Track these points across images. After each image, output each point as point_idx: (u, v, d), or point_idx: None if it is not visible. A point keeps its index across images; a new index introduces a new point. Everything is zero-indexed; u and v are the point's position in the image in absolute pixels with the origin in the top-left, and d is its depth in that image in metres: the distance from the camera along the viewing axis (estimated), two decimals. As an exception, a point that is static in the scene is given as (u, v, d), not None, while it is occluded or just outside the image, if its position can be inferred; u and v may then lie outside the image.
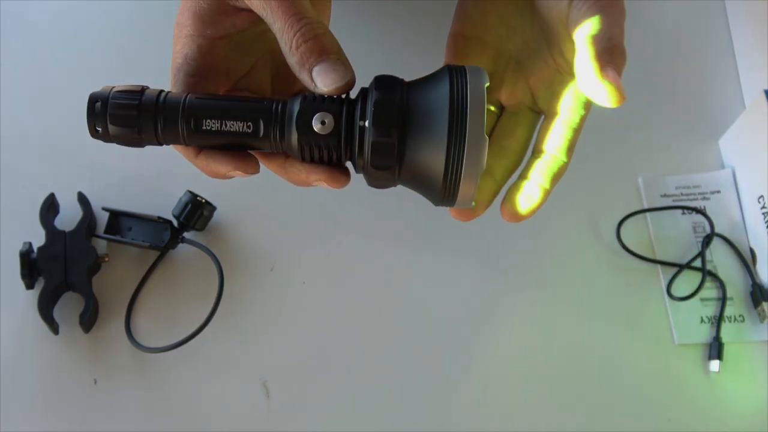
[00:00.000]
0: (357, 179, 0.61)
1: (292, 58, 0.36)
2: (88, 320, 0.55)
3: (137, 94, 0.36)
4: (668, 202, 0.62)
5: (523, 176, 0.40)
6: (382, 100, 0.35)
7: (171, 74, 0.39)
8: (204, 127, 0.36)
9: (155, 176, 0.61)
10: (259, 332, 0.57)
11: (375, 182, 0.37)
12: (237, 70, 0.40)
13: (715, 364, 0.56)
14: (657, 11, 0.70)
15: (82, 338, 0.56)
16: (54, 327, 0.55)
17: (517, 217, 0.39)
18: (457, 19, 0.43)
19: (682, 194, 0.62)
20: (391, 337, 0.57)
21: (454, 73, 0.35)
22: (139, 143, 0.37)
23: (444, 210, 0.60)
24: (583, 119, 0.41)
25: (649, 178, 0.62)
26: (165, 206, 0.58)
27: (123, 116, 0.36)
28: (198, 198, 0.57)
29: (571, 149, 0.41)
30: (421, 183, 0.36)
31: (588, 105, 0.41)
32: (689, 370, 0.57)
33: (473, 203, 0.37)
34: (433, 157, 0.34)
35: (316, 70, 0.35)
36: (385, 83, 0.36)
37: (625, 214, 0.60)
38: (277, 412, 0.55)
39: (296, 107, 0.35)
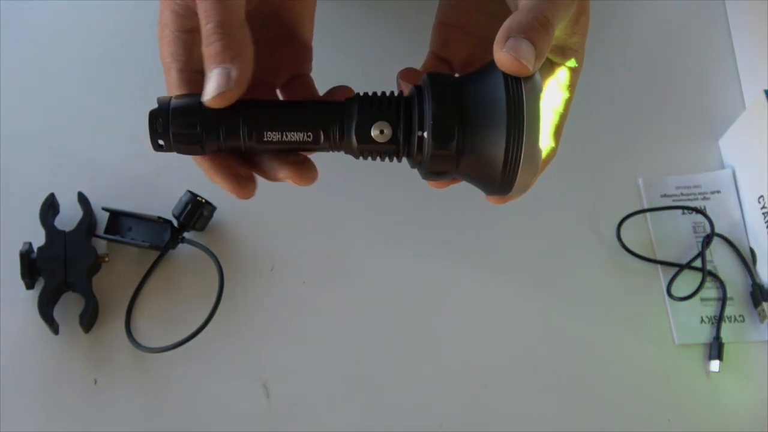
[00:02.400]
0: (348, 178, 0.61)
1: (204, 52, 0.36)
2: (88, 320, 0.55)
3: (196, 110, 0.36)
4: (668, 202, 0.62)
5: None
6: (439, 113, 0.35)
7: (164, 73, 0.39)
8: (266, 139, 0.37)
9: (155, 176, 0.61)
10: (259, 332, 0.57)
11: (431, 178, 0.38)
12: None
13: (715, 364, 0.56)
14: (657, 11, 0.70)
15: (82, 338, 0.56)
16: (54, 327, 0.55)
17: (504, 198, 0.40)
18: (440, 9, 0.44)
19: (682, 194, 0.62)
20: (392, 337, 0.57)
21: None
22: (201, 153, 0.38)
23: (444, 210, 0.61)
24: (567, 103, 0.41)
25: (649, 178, 0.62)
26: (165, 206, 0.58)
27: (186, 135, 0.36)
28: (198, 198, 0.57)
29: (557, 133, 0.41)
30: (478, 176, 0.37)
31: (571, 88, 0.41)
32: (689, 370, 0.57)
33: (528, 189, 0.37)
34: (492, 150, 0.35)
35: (207, 77, 0.35)
36: (438, 86, 0.36)
37: (625, 214, 0.60)
38: (277, 412, 0.55)
39: (355, 116, 0.36)
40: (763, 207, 0.58)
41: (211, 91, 0.35)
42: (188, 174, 0.60)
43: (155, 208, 0.58)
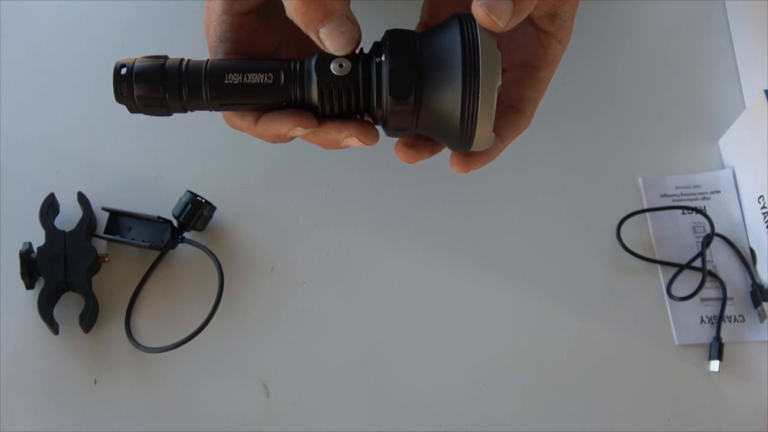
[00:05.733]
0: (348, 178, 0.61)
1: (296, 19, 0.36)
2: (88, 320, 0.55)
3: (161, 57, 0.38)
4: (668, 202, 0.62)
5: None
6: (395, 38, 0.36)
7: (210, 56, 0.40)
8: (227, 81, 0.37)
9: (155, 176, 0.61)
10: (259, 332, 0.57)
11: (395, 127, 0.37)
12: (267, 45, 0.41)
13: (715, 364, 0.56)
14: (657, 11, 0.70)
15: (82, 338, 0.56)
16: (54, 327, 0.55)
17: (468, 163, 0.40)
18: None
19: (682, 194, 0.62)
20: (391, 337, 0.57)
21: (463, 19, 0.36)
22: (165, 106, 0.38)
23: (443, 210, 0.61)
24: (546, 74, 0.41)
25: (649, 178, 0.62)
26: (165, 206, 0.58)
27: (148, 75, 0.37)
28: (198, 198, 0.57)
29: (533, 103, 0.41)
30: (439, 127, 0.37)
31: (551, 60, 0.41)
32: (689, 370, 0.57)
33: (491, 143, 0.37)
34: (450, 100, 0.35)
35: (323, 32, 0.35)
36: (397, 33, 0.37)
37: (625, 214, 0.60)
38: (277, 412, 0.55)
39: (315, 57, 0.37)
40: (763, 207, 0.58)
41: (344, 43, 0.35)
42: (188, 174, 0.61)
43: (155, 208, 0.58)
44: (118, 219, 0.58)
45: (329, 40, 0.35)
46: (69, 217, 0.58)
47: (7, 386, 0.55)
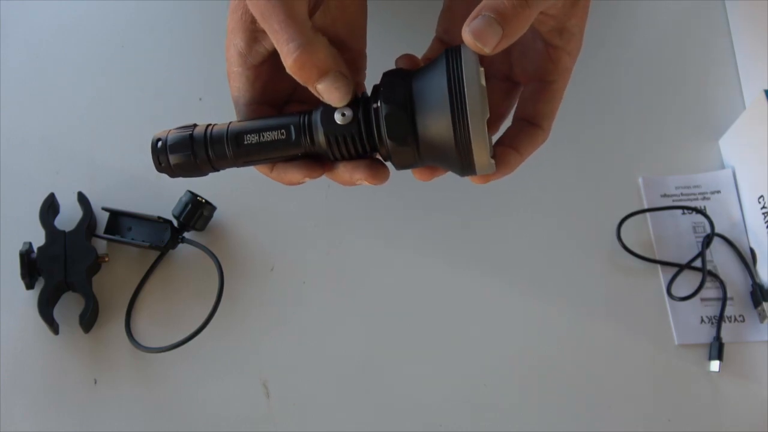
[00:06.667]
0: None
1: (295, 76, 0.38)
2: (88, 320, 0.55)
3: (190, 127, 0.42)
4: (668, 202, 0.62)
5: (499, 142, 0.42)
6: (388, 82, 0.39)
7: (233, 104, 0.43)
8: (246, 142, 0.41)
9: (155, 176, 0.60)
10: (259, 332, 0.57)
11: (400, 164, 0.40)
12: (285, 88, 0.43)
13: (715, 364, 0.56)
14: (657, 11, 0.70)
15: (82, 338, 0.56)
16: (54, 327, 0.55)
17: (486, 177, 0.41)
18: None
19: (682, 194, 0.62)
20: (391, 337, 0.57)
21: (450, 53, 0.38)
22: (198, 169, 0.42)
23: (443, 210, 0.61)
24: (559, 86, 0.42)
25: (649, 178, 0.62)
26: (165, 206, 0.58)
27: (179, 147, 0.41)
28: (198, 198, 0.57)
29: (548, 117, 0.42)
30: (441, 160, 0.39)
31: (562, 73, 0.42)
32: (689, 371, 0.57)
33: (494, 167, 0.39)
34: (444, 136, 0.38)
35: (319, 87, 0.38)
36: (391, 73, 0.40)
37: (625, 214, 0.60)
38: (277, 412, 0.55)
39: (320, 109, 0.40)
40: (763, 207, 0.58)
41: (340, 97, 0.38)
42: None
43: (155, 208, 0.58)
44: (118, 219, 0.58)
45: (326, 95, 0.38)
46: (69, 217, 0.58)
47: (7, 386, 0.55)
